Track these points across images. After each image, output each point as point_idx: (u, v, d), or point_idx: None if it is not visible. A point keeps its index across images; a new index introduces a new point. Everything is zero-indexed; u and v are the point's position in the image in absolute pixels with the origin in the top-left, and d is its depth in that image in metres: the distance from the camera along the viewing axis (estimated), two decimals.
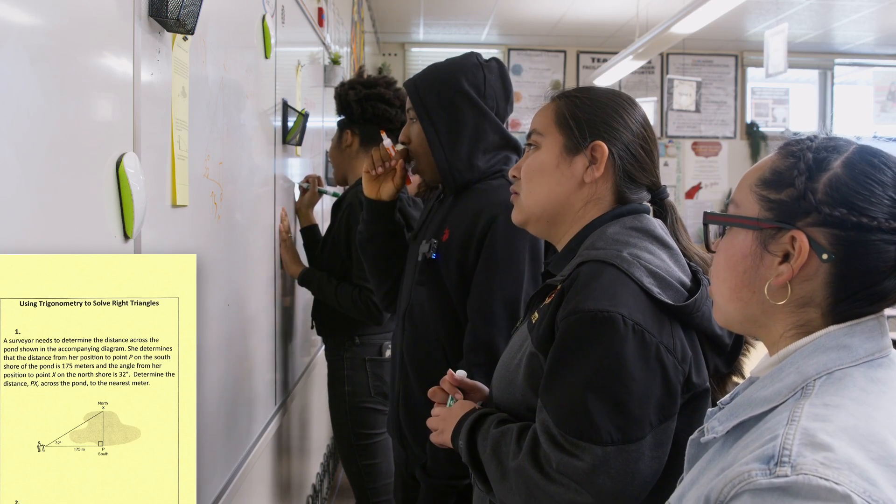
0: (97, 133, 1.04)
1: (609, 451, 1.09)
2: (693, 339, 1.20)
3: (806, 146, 0.86)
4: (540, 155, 1.30)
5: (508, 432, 1.20)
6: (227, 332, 1.69)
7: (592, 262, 1.19)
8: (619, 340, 1.11)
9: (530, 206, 1.31)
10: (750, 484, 0.72)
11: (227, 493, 1.60)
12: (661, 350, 1.13)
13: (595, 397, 1.10)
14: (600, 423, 1.10)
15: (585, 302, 1.13)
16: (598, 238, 1.24)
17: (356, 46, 4.99)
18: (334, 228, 2.46)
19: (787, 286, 0.84)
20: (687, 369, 1.17)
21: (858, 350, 0.82)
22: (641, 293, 1.15)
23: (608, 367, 1.11)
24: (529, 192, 1.31)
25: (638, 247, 1.21)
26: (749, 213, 0.87)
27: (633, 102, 1.33)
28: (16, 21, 0.84)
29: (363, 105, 2.47)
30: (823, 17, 6.67)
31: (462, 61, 1.82)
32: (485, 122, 1.77)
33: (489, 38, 7.68)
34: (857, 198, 0.81)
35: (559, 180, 1.28)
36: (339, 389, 2.54)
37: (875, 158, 0.83)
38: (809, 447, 0.72)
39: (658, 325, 1.14)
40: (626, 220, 1.25)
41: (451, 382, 1.37)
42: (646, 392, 1.11)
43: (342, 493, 3.68)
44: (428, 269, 1.73)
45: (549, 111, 1.32)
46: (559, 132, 1.29)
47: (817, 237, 0.82)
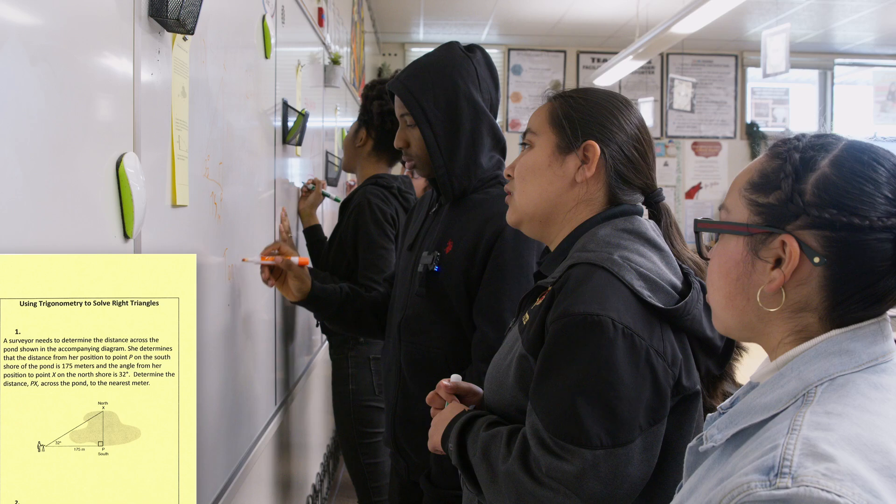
0: (97, 133, 1.04)
1: (598, 454, 1.09)
2: (684, 341, 1.20)
3: (793, 146, 0.84)
4: (533, 154, 1.31)
5: (498, 435, 1.20)
6: (227, 332, 1.68)
7: (583, 265, 1.19)
8: (609, 344, 1.11)
9: (523, 206, 1.31)
10: (749, 495, 0.70)
11: (227, 493, 1.60)
12: (650, 353, 1.13)
13: (584, 401, 1.10)
14: (590, 427, 1.09)
15: (575, 305, 1.13)
16: (589, 240, 1.23)
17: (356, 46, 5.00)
18: (342, 228, 2.47)
19: (781, 292, 0.82)
20: (677, 372, 1.17)
21: (861, 355, 0.79)
22: (631, 296, 1.15)
23: (597, 370, 1.11)
24: (522, 191, 1.31)
25: (629, 249, 1.20)
26: (739, 218, 0.85)
27: (628, 104, 1.32)
28: (16, 21, 0.84)
29: (384, 118, 2.49)
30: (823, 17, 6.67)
31: (450, 57, 1.77)
32: (481, 123, 1.75)
33: (489, 38, 7.68)
34: (846, 197, 0.78)
35: (551, 179, 1.28)
36: (343, 388, 2.55)
37: (865, 155, 0.81)
38: (811, 458, 0.70)
39: (648, 329, 1.14)
40: (618, 222, 1.25)
41: (446, 389, 1.37)
42: (635, 396, 1.11)
43: (342, 493, 3.68)
44: (428, 281, 1.73)
45: (544, 111, 1.33)
46: (552, 131, 1.29)
47: (808, 240, 0.80)
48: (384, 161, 2.56)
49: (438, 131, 1.73)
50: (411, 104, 1.75)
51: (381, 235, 2.36)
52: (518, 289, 1.66)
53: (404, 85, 1.76)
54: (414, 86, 1.75)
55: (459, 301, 1.70)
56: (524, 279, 1.66)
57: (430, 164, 1.77)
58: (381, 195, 2.42)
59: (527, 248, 1.67)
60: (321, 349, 3.13)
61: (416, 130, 1.77)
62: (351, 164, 2.64)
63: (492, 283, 1.67)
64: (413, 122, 1.77)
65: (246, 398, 1.85)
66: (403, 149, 1.83)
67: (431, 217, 1.83)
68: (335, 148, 3.69)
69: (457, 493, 1.66)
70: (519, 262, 1.67)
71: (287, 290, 1.86)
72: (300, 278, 1.84)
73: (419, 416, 1.75)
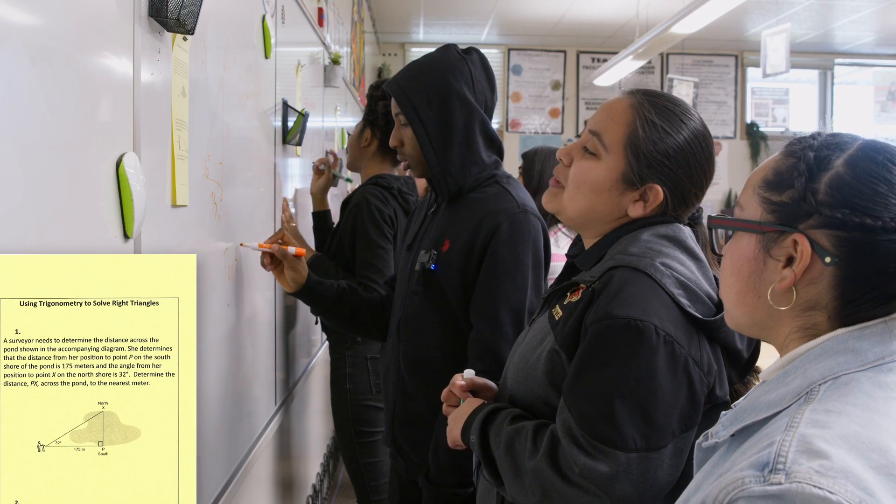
0: (97, 133, 1.04)
1: (632, 457, 1.11)
2: (717, 351, 1.21)
3: (807, 145, 0.84)
4: (597, 170, 1.26)
5: (523, 430, 1.20)
6: (227, 332, 1.68)
7: (625, 268, 1.19)
8: (651, 350, 1.12)
9: (567, 209, 1.29)
10: (744, 491, 0.70)
11: (227, 493, 1.60)
12: (688, 362, 1.15)
13: (622, 404, 1.11)
14: (626, 430, 1.11)
15: (619, 309, 1.14)
16: (630, 242, 1.23)
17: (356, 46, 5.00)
18: (340, 227, 2.47)
19: (791, 290, 0.82)
20: (711, 381, 1.18)
21: (867, 354, 0.79)
22: (672, 304, 1.16)
23: (638, 375, 1.12)
24: (572, 197, 1.28)
25: (670, 256, 1.21)
26: (752, 216, 0.85)
27: (710, 146, 1.27)
28: (16, 21, 0.84)
29: (388, 118, 2.49)
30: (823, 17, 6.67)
31: (445, 58, 1.78)
32: (474, 122, 1.75)
33: (489, 37, 7.68)
34: (859, 197, 0.78)
35: (605, 201, 1.26)
36: (341, 387, 2.55)
37: (879, 155, 0.80)
38: (805, 454, 0.70)
39: (687, 337, 1.16)
40: (660, 228, 1.25)
41: (461, 387, 1.37)
42: (671, 402, 1.13)
43: (342, 493, 3.68)
44: (425, 279, 1.73)
45: (624, 125, 1.25)
46: (624, 157, 1.23)
47: (820, 240, 0.80)
48: (389, 161, 2.56)
49: (431, 130, 1.74)
50: (403, 104, 1.77)
51: (378, 235, 2.36)
52: (513, 286, 1.66)
53: (398, 85, 1.79)
54: (408, 86, 1.77)
55: (457, 300, 1.70)
56: (520, 277, 1.67)
57: (424, 164, 1.79)
58: (380, 195, 2.42)
59: (522, 246, 1.68)
60: (321, 349, 3.13)
61: (410, 130, 1.79)
62: (356, 163, 2.64)
63: (487, 281, 1.67)
64: (406, 122, 1.78)
65: (246, 398, 1.85)
66: (398, 148, 1.85)
67: (430, 217, 1.84)
68: (335, 148, 3.69)
69: (455, 491, 1.67)
70: (514, 259, 1.67)
71: (284, 280, 1.87)
72: (295, 269, 1.85)
73: (418, 415, 1.76)
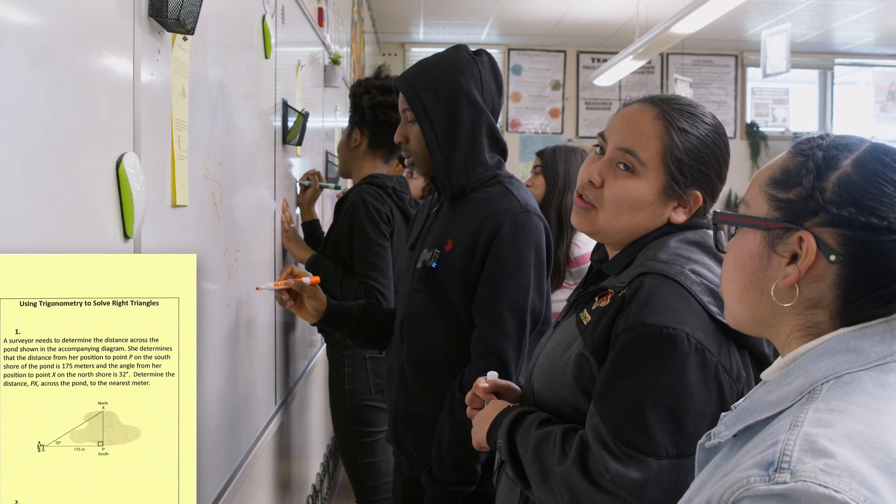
0: (97, 133, 1.04)
1: (664, 464, 1.11)
2: (745, 358, 1.22)
3: (816, 144, 0.85)
4: (639, 188, 1.25)
5: (552, 435, 1.21)
6: (227, 332, 1.69)
7: (655, 275, 1.19)
8: (683, 358, 1.13)
9: (608, 229, 1.28)
10: (749, 490, 0.71)
11: (227, 493, 1.60)
12: (719, 370, 1.15)
13: (654, 411, 1.12)
14: (657, 437, 1.11)
15: (651, 316, 1.15)
16: (659, 249, 1.23)
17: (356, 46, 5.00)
18: (337, 226, 2.47)
19: (794, 287, 0.82)
20: (741, 388, 1.19)
21: (869, 353, 0.79)
22: (703, 312, 1.17)
23: (670, 383, 1.13)
24: (614, 217, 1.26)
25: (699, 263, 1.21)
26: (758, 212, 0.86)
27: (727, 140, 1.31)
28: (16, 21, 0.84)
29: (375, 111, 2.48)
30: (823, 17, 6.67)
31: (456, 57, 1.78)
32: (481, 123, 1.75)
33: (489, 37, 7.69)
34: (866, 197, 0.79)
35: (648, 216, 1.26)
36: (339, 387, 2.55)
37: (887, 157, 0.81)
38: (810, 453, 0.70)
39: (717, 345, 1.16)
40: (689, 234, 1.25)
41: (484, 390, 1.38)
42: (702, 410, 1.13)
43: (342, 493, 3.68)
44: (427, 278, 1.74)
45: (657, 138, 1.24)
46: (664, 170, 1.24)
47: (825, 238, 0.80)
48: (380, 158, 2.55)
49: (438, 128, 1.74)
50: (412, 100, 1.76)
51: (376, 234, 2.36)
52: (516, 285, 1.66)
53: (408, 81, 1.78)
54: (417, 82, 1.77)
55: (460, 299, 1.71)
56: (522, 276, 1.67)
57: (428, 161, 1.78)
58: (376, 194, 2.42)
59: (525, 245, 1.68)
60: (321, 349, 3.13)
61: (416, 126, 1.78)
62: (347, 167, 2.64)
63: (490, 280, 1.67)
64: (413, 118, 1.78)
65: (246, 398, 1.85)
66: (403, 144, 1.84)
67: (433, 217, 1.84)
68: (335, 148, 3.69)
69: (458, 489, 1.67)
70: (517, 259, 1.67)
71: (305, 313, 1.85)
72: (315, 297, 1.84)
73: (421, 413, 1.76)
